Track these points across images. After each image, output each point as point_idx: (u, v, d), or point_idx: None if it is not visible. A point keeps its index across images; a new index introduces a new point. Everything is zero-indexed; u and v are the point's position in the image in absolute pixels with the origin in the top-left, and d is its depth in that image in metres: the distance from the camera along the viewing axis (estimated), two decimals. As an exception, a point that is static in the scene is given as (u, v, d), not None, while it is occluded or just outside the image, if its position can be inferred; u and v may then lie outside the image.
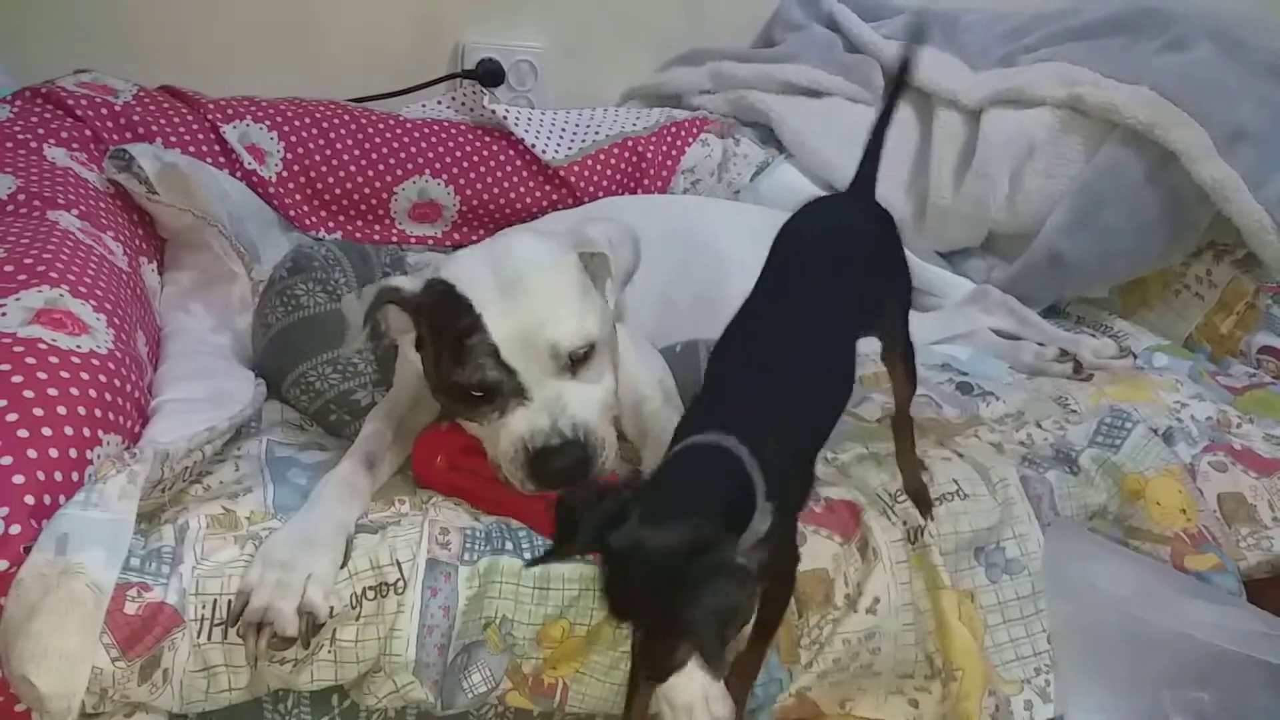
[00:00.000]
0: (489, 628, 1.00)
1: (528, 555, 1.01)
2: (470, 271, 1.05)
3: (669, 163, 1.86)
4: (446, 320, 1.03)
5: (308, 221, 1.71)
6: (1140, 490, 1.25)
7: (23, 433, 0.92)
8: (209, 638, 0.92)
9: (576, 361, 1.04)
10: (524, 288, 1.03)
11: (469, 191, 1.77)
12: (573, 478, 1.01)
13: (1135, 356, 1.62)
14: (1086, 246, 1.69)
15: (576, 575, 1.01)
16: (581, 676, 1.03)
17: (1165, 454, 1.29)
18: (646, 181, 1.84)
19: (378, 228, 1.77)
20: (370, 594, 0.96)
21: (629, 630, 0.79)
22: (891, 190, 1.84)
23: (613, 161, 1.82)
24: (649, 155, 1.84)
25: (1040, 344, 1.60)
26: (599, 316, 1.06)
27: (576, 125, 1.84)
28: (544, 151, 1.78)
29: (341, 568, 0.96)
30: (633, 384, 1.20)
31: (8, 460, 0.90)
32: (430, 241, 1.79)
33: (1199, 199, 1.59)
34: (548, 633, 1.01)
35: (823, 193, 1.84)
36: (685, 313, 1.42)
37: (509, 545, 1.02)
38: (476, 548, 1.01)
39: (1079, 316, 1.80)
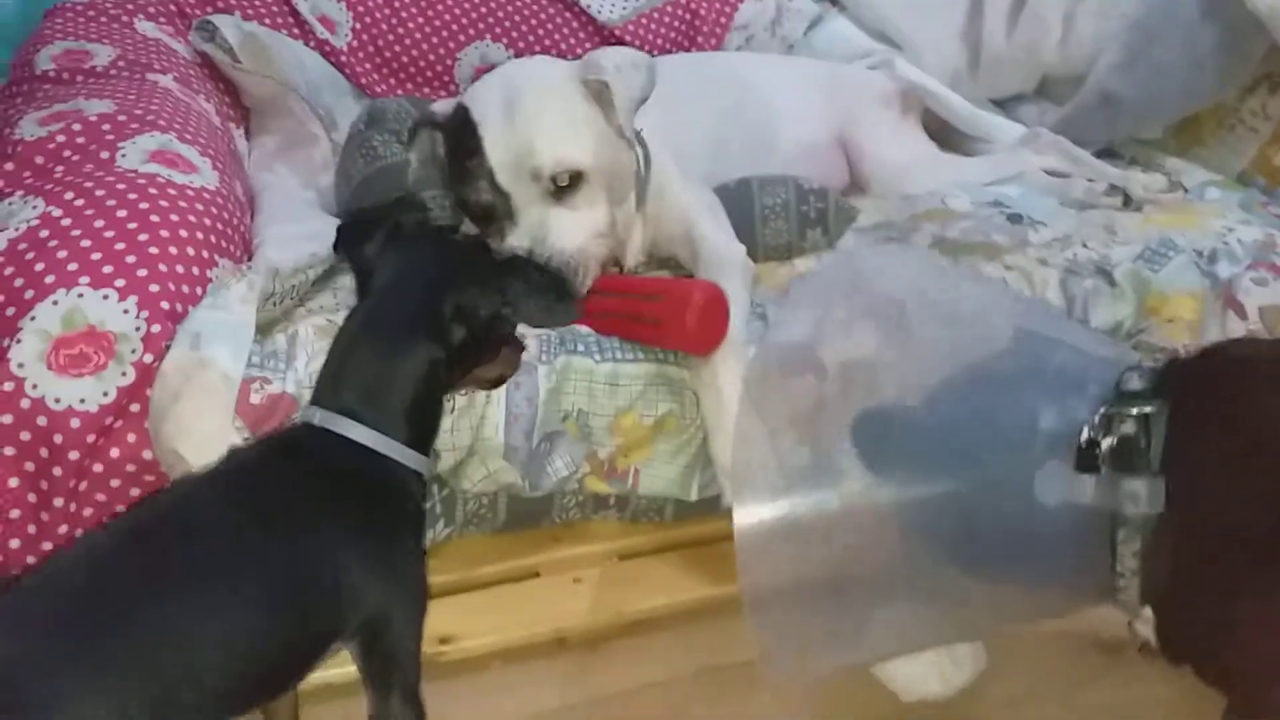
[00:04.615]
0: (567, 419, 1.11)
1: (597, 358, 1.11)
2: (483, 94, 1.16)
3: (723, 20, 1.89)
4: (459, 141, 1.15)
5: (378, 89, 1.79)
6: (1159, 308, 1.30)
7: (154, 250, 1.05)
8: (324, 425, 1.04)
9: (563, 188, 1.12)
10: (521, 112, 1.12)
11: (528, 55, 1.83)
12: None
13: (1186, 191, 1.64)
14: (1139, 84, 1.68)
15: (642, 373, 1.12)
16: (650, 462, 1.14)
17: (1196, 279, 1.33)
18: (700, 39, 1.87)
19: (443, 94, 1.84)
20: (462, 391, 1.07)
21: None
22: (946, 39, 1.86)
23: (666, 20, 1.86)
24: (702, 13, 1.87)
25: (1090, 180, 1.63)
26: (593, 145, 1.13)
27: (631, -15, 1.88)
28: (599, 12, 1.82)
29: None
30: (683, 212, 1.28)
31: (143, 272, 1.02)
32: (494, 105, 1.86)
33: (1255, 29, 1.57)
34: (619, 423, 1.11)
35: (876, 44, 1.87)
36: (737, 155, 1.47)
37: (580, 348, 1.12)
38: (552, 350, 1.11)
39: (1132, 158, 1.80)
